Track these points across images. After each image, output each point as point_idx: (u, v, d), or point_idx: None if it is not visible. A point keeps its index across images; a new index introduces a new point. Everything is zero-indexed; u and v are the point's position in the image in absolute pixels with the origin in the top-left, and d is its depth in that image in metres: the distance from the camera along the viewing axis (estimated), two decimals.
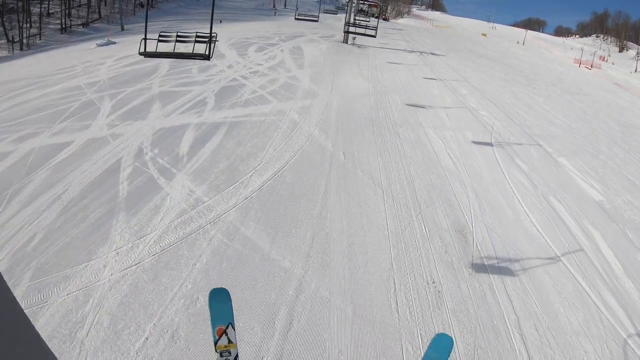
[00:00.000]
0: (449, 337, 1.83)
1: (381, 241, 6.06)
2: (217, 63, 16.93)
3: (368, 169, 8.06)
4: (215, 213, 6.47)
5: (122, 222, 6.30)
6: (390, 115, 12.04)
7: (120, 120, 10.42)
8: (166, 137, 9.30)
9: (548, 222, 7.79)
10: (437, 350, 1.77)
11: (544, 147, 11.97)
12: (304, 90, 13.60)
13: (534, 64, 37.58)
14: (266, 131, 9.45)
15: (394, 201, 7.11)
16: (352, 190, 7.19)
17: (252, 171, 7.56)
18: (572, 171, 10.74)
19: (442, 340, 1.80)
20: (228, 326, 1.80)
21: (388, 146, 9.45)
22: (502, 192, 8.50)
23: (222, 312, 1.80)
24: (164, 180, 7.53)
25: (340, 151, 8.70)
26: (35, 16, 40.75)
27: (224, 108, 11.10)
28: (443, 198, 7.62)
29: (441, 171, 8.65)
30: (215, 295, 1.81)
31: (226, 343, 1.80)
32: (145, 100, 12.09)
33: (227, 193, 6.94)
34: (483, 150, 10.35)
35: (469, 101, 15.36)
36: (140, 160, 8.28)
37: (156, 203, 6.81)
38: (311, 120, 10.51)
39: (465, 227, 6.98)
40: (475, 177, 8.80)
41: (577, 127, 15.89)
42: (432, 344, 1.80)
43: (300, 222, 6.25)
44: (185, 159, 8.25)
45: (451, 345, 1.81)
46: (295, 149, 8.56)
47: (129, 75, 15.52)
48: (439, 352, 1.77)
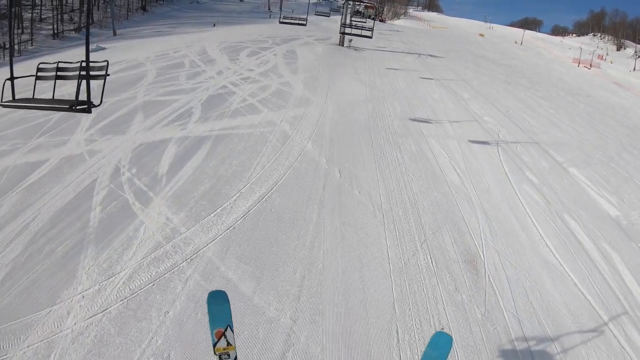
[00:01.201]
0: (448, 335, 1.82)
1: (382, 279, 5.27)
2: (206, 69, 16.15)
3: (366, 188, 7.27)
4: (192, 247, 5.68)
5: (90, 258, 5.55)
6: (389, 123, 11.27)
7: (99, 135, 9.64)
8: (146, 154, 8.51)
9: (564, 245, 7.06)
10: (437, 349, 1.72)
11: (553, 156, 11.22)
12: (297, 98, 12.82)
13: (533, 64, 36.95)
14: (254, 145, 8.65)
15: (396, 227, 6.33)
16: (348, 215, 6.40)
17: (236, 194, 6.77)
18: (584, 183, 10.00)
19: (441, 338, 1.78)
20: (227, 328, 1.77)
21: (388, 160, 8.68)
22: (513, 211, 7.73)
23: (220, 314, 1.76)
24: (139, 205, 6.75)
25: (336, 167, 7.91)
26: (28, 22, 40.00)
27: (210, 119, 10.31)
28: (450, 221, 6.85)
29: (447, 188, 7.88)
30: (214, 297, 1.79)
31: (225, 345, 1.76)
32: (128, 111, 11.31)
33: (208, 222, 6.15)
34: (490, 162, 9.59)
35: (472, 106, 14.61)
36: (116, 182, 7.50)
37: (129, 234, 6.03)
38: (304, 132, 9.72)
39: (475, 257, 6.21)
40: (483, 194, 8.03)
41: (584, 132, 15.16)
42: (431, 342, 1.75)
43: (289, 257, 5.46)
44: (164, 180, 7.46)
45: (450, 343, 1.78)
46: (286, 166, 7.77)
47: (114, 83, 14.68)
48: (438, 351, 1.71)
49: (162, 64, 17.57)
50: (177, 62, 17.77)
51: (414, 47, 30.30)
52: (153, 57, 19.52)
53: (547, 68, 36.40)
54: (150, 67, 16.83)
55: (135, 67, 17.27)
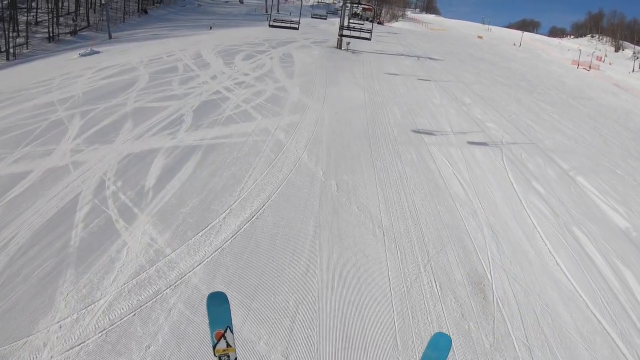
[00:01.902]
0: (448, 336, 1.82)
1: (383, 307, 4.83)
2: (200, 74, 15.71)
3: (365, 203, 6.83)
4: (177, 272, 5.23)
5: (69, 283, 5.12)
6: (389, 131, 10.83)
7: (86, 144, 9.20)
8: (132, 166, 8.06)
9: (575, 262, 6.65)
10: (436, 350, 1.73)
11: (559, 163, 10.82)
12: (292, 104, 12.38)
13: (533, 66, 36.65)
14: (247, 156, 8.20)
15: (397, 247, 5.89)
16: (346, 234, 5.95)
17: (226, 211, 6.31)
18: (592, 192, 9.60)
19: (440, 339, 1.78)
20: (226, 330, 1.78)
21: (388, 171, 8.24)
22: (521, 226, 7.30)
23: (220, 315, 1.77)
24: (123, 223, 6.29)
25: (333, 180, 7.46)
26: (23, 25, 39.51)
27: (201, 127, 9.86)
28: (455, 239, 6.41)
29: (451, 202, 7.44)
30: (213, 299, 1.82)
31: (225, 347, 1.78)
32: (118, 118, 10.86)
33: (194, 243, 5.70)
34: (495, 171, 9.16)
35: (474, 111, 14.19)
36: (100, 197, 7.06)
37: (111, 256, 5.58)
38: (299, 141, 9.27)
39: (483, 278, 5.77)
40: (489, 207, 7.60)
41: (589, 137, 14.78)
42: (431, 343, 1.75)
43: (282, 283, 5.01)
44: (150, 194, 7.00)
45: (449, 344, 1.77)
46: (280, 179, 7.32)
47: (105, 89, 14.29)
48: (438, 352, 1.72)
49: (156, 68, 17.13)
50: (170, 66, 17.33)
51: (412, 49, 29.93)
52: (147, 60, 19.08)
53: (546, 70, 36.09)
54: (143, 72, 16.39)
55: (128, 71, 16.84)
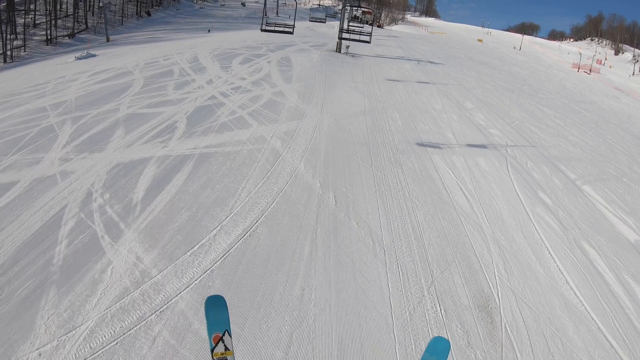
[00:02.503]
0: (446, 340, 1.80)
1: (383, 337, 4.45)
2: (196, 78, 15.37)
3: (365, 218, 6.46)
4: (163, 296, 4.86)
5: (51, 305, 4.79)
6: (390, 138, 10.48)
7: (75, 153, 8.86)
8: (121, 177, 7.70)
9: (585, 279, 6.30)
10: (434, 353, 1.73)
11: (565, 172, 10.47)
12: (290, 110, 12.02)
13: (534, 69, 36.43)
14: (241, 167, 7.83)
15: (399, 267, 5.52)
16: (345, 254, 5.58)
17: (217, 227, 5.94)
18: (599, 202, 9.25)
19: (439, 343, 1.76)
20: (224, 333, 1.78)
21: (389, 182, 7.87)
22: (528, 240, 6.94)
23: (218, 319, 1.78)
24: (108, 240, 5.94)
25: (331, 193, 7.09)
26: (21, 27, 39.22)
27: (194, 135, 9.49)
28: (460, 256, 6.04)
29: (455, 215, 7.07)
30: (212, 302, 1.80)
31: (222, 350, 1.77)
32: (109, 125, 10.51)
33: (182, 263, 5.33)
34: (500, 182, 8.80)
35: (477, 117, 13.85)
36: (86, 210, 6.70)
37: (94, 276, 5.23)
38: (296, 150, 8.91)
39: (490, 300, 5.40)
40: (495, 220, 7.23)
41: (593, 144, 14.46)
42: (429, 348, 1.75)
43: (276, 308, 4.63)
44: (138, 208, 6.64)
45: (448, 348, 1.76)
46: (275, 191, 6.94)
47: (98, 93, 13.97)
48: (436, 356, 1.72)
49: (151, 72, 16.80)
50: (166, 70, 17.00)
51: (413, 53, 29.64)
52: (143, 64, 18.76)
53: (547, 74, 35.87)
54: (138, 76, 16.06)
55: (122, 75, 16.51)
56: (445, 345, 1.78)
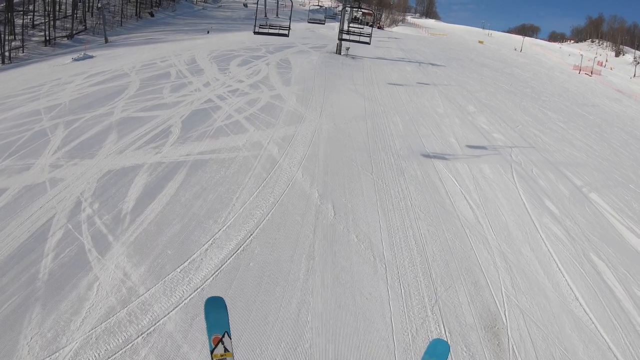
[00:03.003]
0: (446, 342, 1.78)
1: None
2: (193, 80, 15.07)
3: (365, 230, 6.14)
4: (151, 316, 4.55)
5: (34, 324, 4.51)
6: (391, 144, 10.17)
7: (66, 159, 8.58)
8: (112, 185, 7.40)
9: (594, 294, 6.02)
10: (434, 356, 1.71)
11: (571, 178, 10.17)
12: (288, 114, 11.72)
13: (535, 71, 36.19)
14: (236, 175, 7.51)
15: (401, 285, 5.20)
16: (344, 270, 5.27)
17: (209, 241, 5.63)
18: (607, 211, 8.96)
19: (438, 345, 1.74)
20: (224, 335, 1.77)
21: (390, 191, 7.56)
22: (536, 253, 6.63)
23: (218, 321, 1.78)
24: (95, 253, 5.64)
25: (329, 203, 6.77)
26: (20, 28, 38.95)
27: (189, 140, 9.18)
28: (465, 271, 5.73)
29: (459, 226, 6.76)
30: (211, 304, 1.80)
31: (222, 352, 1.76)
32: (102, 129, 10.23)
33: (172, 280, 5.02)
34: (506, 190, 8.50)
35: (479, 121, 13.54)
36: (74, 221, 6.42)
37: (80, 293, 4.94)
38: (294, 156, 8.59)
39: (496, 320, 5.10)
40: (501, 232, 6.93)
41: (598, 149, 14.17)
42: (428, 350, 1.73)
43: (269, 332, 4.32)
44: (127, 219, 6.33)
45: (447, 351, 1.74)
46: (271, 202, 6.63)
47: (93, 96, 13.70)
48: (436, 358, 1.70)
49: (148, 74, 16.51)
50: (163, 72, 16.71)
51: (413, 55, 29.36)
52: (139, 66, 18.49)
53: (549, 76, 35.63)
54: (134, 78, 15.78)
55: (118, 77, 16.23)
56: (445, 348, 1.76)
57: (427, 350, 1.75)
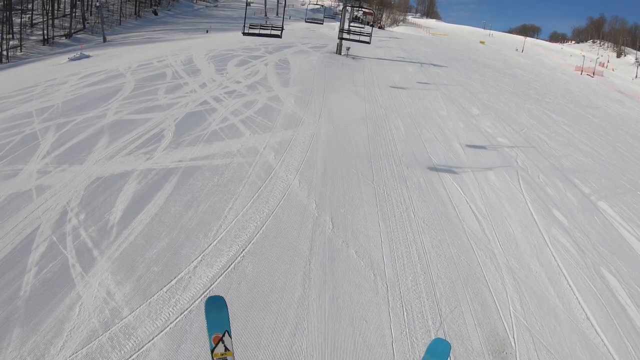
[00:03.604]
0: (446, 342, 1.77)
1: None
2: (189, 81, 14.71)
3: (366, 245, 5.78)
4: (134, 342, 4.20)
5: (14, 347, 4.22)
6: (392, 149, 9.80)
7: (54, 164, 8.25)
8: (100, 193, 7.05)
9: (606, 313, 5.69)
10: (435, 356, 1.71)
11: (578, 186, 9.81)
12: (286, 116, 11.35)
13: (537, 72, 35.82)
14: (229, 183, 7.15)
15: (404, 306, 4.85)
16: (342, 290, 4.91)
17: (198, 257, 5.27)
18: (616, 221, 8.60)
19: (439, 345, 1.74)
20: (224, 334, 1.78)
21: (392, 201, 7.19)
22: (545, 269, 6.28)
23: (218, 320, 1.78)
24: (79, 269, 5.30)
25: (327, 215, 6.41)
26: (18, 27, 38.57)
27: (182, 145, 8.82)
28: (472, 290, 5.38)
29: (465, 239, 6.40)
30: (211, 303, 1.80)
31: (222, 351, 1.77)
32: (93, 133, 9.89)
33: (157, 301, 4.66)
34: (512, 198, 8.13)
35: (483, 124, 13.18)
36: (59, 232, 6.09)
37: (61, 314, 4.61)
38: (291, 163, 8.23)
39: (505, 344, 4.74)
40: (509, 245, 6.57)
41: (604, 153, 13.80)
42: (429, 349, 1.73)
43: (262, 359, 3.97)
44: (114, 231, 5.98)
45: (448, 350, 1.74)
46: (265, 214, 6.26)
47: (87, 97, 13.36)
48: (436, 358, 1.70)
49: (143, 74, 16.16)
50: (159, 72, 16.35)
51: (415, 55, 28.98)
52: (135, 66, 18.13)
53: (551, 77, 35.26)
54: (130, 79, 15.43)
55: (113, 78, 15.88)
56: (446, 347, 1.74)
57: (427, 350, 1.74)
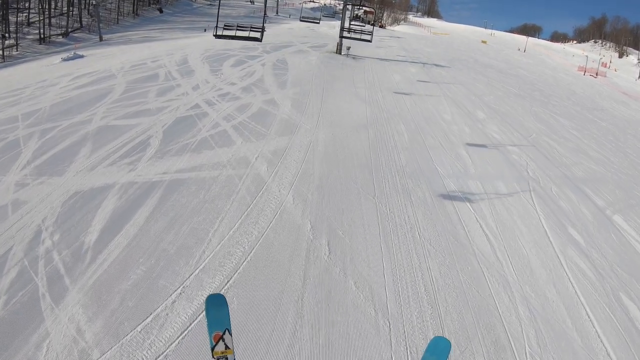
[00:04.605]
0: (447, 340, 1.77)
1: None
2: (181, 83, 14.10)
3: (366, 274, 5.18)
4: None
5: None
6: (395, 158, 9.19)
7: (33, 176, 7.70)
8: (77, 210, 6.47)
9: (628, 349, 5.17)
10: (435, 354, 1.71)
11: (592, 198, 9.21)
12: (281, 122, 10.74)
13: (540, 73, 35.18)
14: (216, 199, 6.55)
15: (408, 348, 4.25)
16: (338, 329, 4.32)
17: (177, 289, 4.69)
18: (633, 238, 8.03)
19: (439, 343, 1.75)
20: (225, 332, 1.77)
21: (396, 219, 6.59)
22: (562, 298, 5.69)
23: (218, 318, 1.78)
24: (49, 300, 4.77)
25: (324, 238, 5.80)
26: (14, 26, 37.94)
27: (168, 155, 8.22)
28: (483, 327, 4.79)
29: (475, 264, 5.81)
30: (212, 301, 1.81)
31: (223, 349, 1.76)
32: (77, 140, 9.33)
33: (130, 342, 4.08)
34: (525, 215, 7.52)
35: (490, 129, 12.57)
36: (32, 255, 5.57)
37: (28, 353, 4.14)
38: (285, 176, 7.62)
39: None
40: (523, 270, 5.98)
41: (615, 160, 13.19)
42: (430, 347, 1.73)
43: None
44: (88, 256, 5.40)
45: (449, 348, 1.74)
46: (254, 236, 5.67)
47: (75, 100, 12.79)
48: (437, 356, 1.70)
49: (135, 76, 15.55)
50: (151, 73, 15.74)
51: (417, 55, 28.34)
52: (128, 67, 17.52)
53: (554, 78, 34.62)
54: (121, 80, 14.82)
55: (104, 79, 15.28)
56: (446, 345, 1.74)
57: (427, 348, 1.72)
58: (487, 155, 10.22)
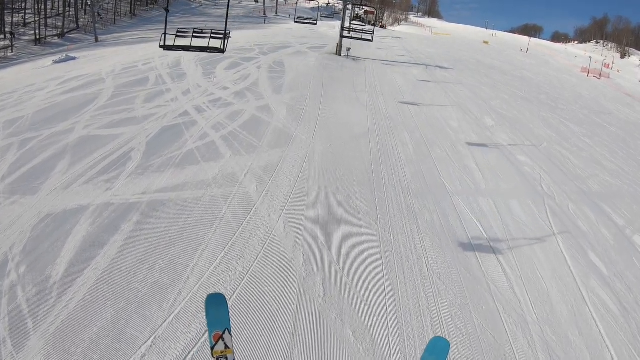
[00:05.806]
0: (446, 340, 1.77)
1: None
2: (172, 87, 13.41)
3: (367, 321, 4.48)
4: None
5: None
6: (400, 173, 8.49)
7: (6, 195, 7.11)
8: (47, 237, 5.81)
9: None
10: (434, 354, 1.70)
11: (612, 217, 8.51)
12: (275, 132, 10.03)
13: (545, 74, 34.48)
14: (197, 226, 5.85)
15: None
16: None
17: (147, 340, 4.00)
18: None
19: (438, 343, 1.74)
20: (224, 331, 1.77)
21: (401, 249, 5.88)
22: (586, 339, 5.02)
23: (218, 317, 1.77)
24: (10, 347, 4.33)
25: (318, 275, 5.09)
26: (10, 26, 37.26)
27: (149, 170, 7.52)
28: None
29: (491, 302, 5.12)
30: (212, 300, 1.79)
31: (223, 348, 1.76)
32: (55, 153, 8.69)
33: None
34: (542, 239, 6.81)
35: (499, 138, 11.86)
36: None
37: None
38: (276, 196, 6.90)
39: None
40: (543, 307, 5.29)
41: (630, 171, 12.47)
42: (429, 348, 1.73)
43: None
44: (54, 294, 4.74)
45: (448, 348, 1.73)
46: (238, 273, 4.97)
47: (60, 107, 12.14)
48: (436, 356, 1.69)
49: (125, 79, 14.86)
50: (142, 77, 15.05)
51: (419, 56, 27.62)
52: (119, 69, 16.83)
53: (559, 79, 33.92)
54: (109, 85, 14.15)
55: (92, 84, 14.59)
56: (445, 345, 1.72)
57: (427, 348, 1.71)
58: (498, 167, 9.51)
